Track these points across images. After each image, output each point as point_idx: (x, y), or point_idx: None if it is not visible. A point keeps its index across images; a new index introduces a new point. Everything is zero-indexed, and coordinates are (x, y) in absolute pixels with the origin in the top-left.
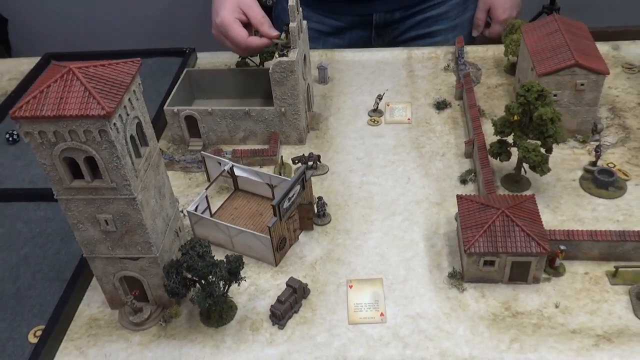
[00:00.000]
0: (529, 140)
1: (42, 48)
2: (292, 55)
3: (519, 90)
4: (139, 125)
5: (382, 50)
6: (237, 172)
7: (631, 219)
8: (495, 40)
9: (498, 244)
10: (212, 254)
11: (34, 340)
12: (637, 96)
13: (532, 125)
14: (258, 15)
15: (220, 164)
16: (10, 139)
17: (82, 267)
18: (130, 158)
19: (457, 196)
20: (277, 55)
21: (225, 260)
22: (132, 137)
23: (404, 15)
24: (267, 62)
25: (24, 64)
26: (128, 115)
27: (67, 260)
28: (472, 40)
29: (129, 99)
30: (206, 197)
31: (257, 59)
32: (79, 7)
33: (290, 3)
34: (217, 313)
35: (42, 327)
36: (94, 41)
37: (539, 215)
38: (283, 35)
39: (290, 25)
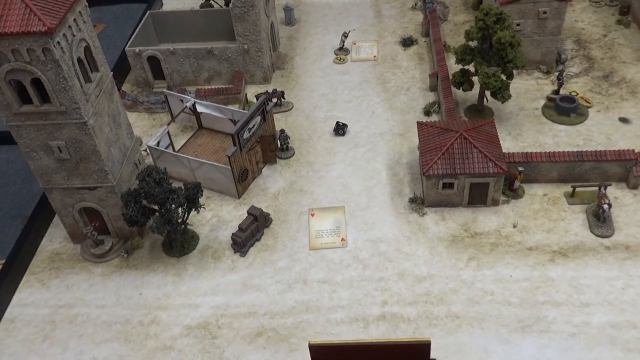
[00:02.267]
0: (490, 67)
1: None
2: None
3: (477, 15)
4: (88, 49)
5: None
6: (199, 108)
7: (591, 143)
8: None
9: (456, 166)
10: (170, 182)
11: None
12: (603, 28)
13: (492, 51)
14: None
15: (182, 101)
16: None
17: (44, 204)
18: (79, 81)
19: (418, 122)
20: None
21: (183, 187)
22: (79, 59)
23: None
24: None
25: None
26: (74, 36)
27: (29, 199)
28: None
29: (75, 19)
30: (168, 133)
31: (221, 1)
32: None
33: None
34: (178, 243)
35: (3, 261)
36: None
37: (498, 138)
38: None
39: None
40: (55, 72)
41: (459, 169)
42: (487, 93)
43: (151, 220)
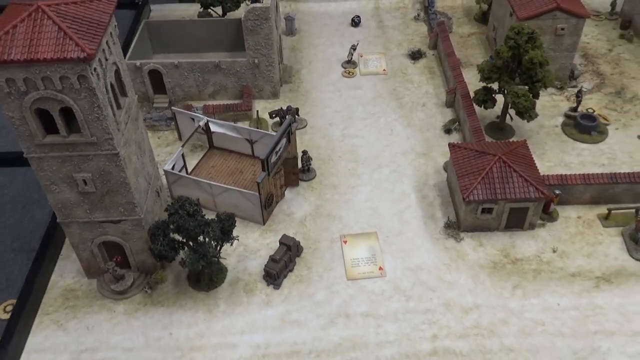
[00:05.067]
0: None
1: None
2: (267, 0)
3: (508, 33)
4: (117, 73)
5: (348, 2)
6: (213, 127)
7: (615, 162)
8: None
9: (497, 191)
10: (203, 213)
11: (5, 317)
12: (607, 42)
13: (520, 70)
14: None
15: (194, 120)
16: None
17: (50, 235)
18: (112, 109)
19: (450, 144)
20: (248, 3)
21: (216, 218)
22: (112, 85)
23: None
24: (230, 13)
25: None
26: (107, 60)
27: (32, 229)
28: None
29: (107, 41)
30: (182, 155)
31: (219, 10)
32: None
33: None
34: (207, 276)
35: (12, 301)
36: None
37: (534, 161)
38: None
39: None
40: (89, 101)
41: (500, 194)
42: (512, 111)
43: (181, 255)
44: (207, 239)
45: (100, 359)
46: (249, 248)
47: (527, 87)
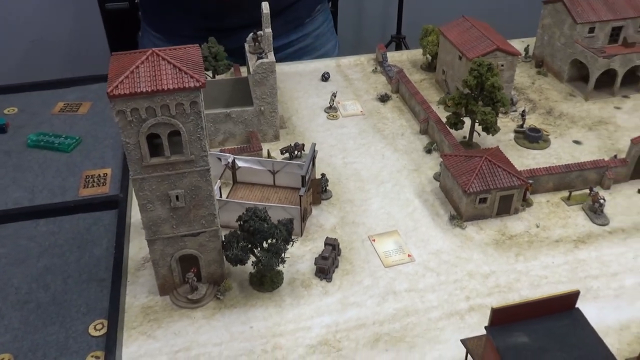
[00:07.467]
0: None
1: None
2: (271, 56)
3: (472, 66)
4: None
5: (313, 62)
6: (239, 163)
7: (562, 160)
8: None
9: (489, 183)
10: (270, 219)
11: (96, 334)
12: (529, 78)
13: (482, 94)
14: None
15: (220, 159)
16: None
17: (119, 264)
18: (205, 131)
19: (442, 154)
20: (256, 59)
21: (279, 223)
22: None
23: (280, 45)
24: (218, 76)
25: None
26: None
27: (94, 263)
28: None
29: None
30: (219, 187)
31: (210, 72)
32: None
33: (264, 11)
34: (269, 279)
35: (100, 321)
36: (12, 75)
37: (509, 160)
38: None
39: (265, 32)
40: (194, 124)
41: (492, 184)
42: (479, 129)
43: (262, 257)
44: (277, 240)
45: (195, 354)
46: (294, 255)
47: (489, 107)
